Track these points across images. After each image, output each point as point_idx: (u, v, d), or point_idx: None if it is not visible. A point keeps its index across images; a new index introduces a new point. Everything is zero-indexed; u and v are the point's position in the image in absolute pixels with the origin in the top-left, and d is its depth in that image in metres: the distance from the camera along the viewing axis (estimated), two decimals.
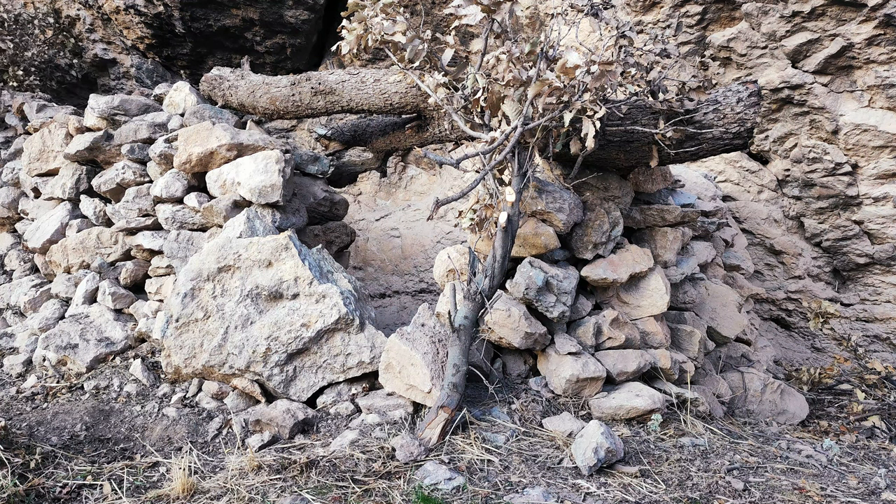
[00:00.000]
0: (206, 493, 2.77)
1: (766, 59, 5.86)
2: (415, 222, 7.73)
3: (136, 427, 3.53)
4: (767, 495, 2.85)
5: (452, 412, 3.15)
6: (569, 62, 3.15)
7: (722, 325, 5.05)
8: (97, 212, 5.09)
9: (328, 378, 3.72)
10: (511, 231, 3.49)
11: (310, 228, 5.03)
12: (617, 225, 4.21)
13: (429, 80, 3.84)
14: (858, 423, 4.91)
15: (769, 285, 6.96)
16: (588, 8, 3.70)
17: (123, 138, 5.01)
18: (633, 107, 3.78)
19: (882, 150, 5.78)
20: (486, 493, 2.68)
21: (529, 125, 3.31)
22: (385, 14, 3.87)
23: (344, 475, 2.81)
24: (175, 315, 3.80)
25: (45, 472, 2.96)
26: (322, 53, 7.94)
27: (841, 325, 6.67)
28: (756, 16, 5.63)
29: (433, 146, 5.92)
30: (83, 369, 4.20)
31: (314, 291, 3.72)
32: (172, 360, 3.80)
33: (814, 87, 5.78)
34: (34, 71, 7.02)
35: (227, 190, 4.42)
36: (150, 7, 6.83)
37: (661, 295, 4.19)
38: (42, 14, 7.25)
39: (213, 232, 4.48)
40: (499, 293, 3.61)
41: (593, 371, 3.70)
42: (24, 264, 5.61)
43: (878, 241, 6.26)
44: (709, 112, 3.72)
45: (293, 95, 4.86)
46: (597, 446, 2.90)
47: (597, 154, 3.74)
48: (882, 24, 5.20)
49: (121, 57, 7.65)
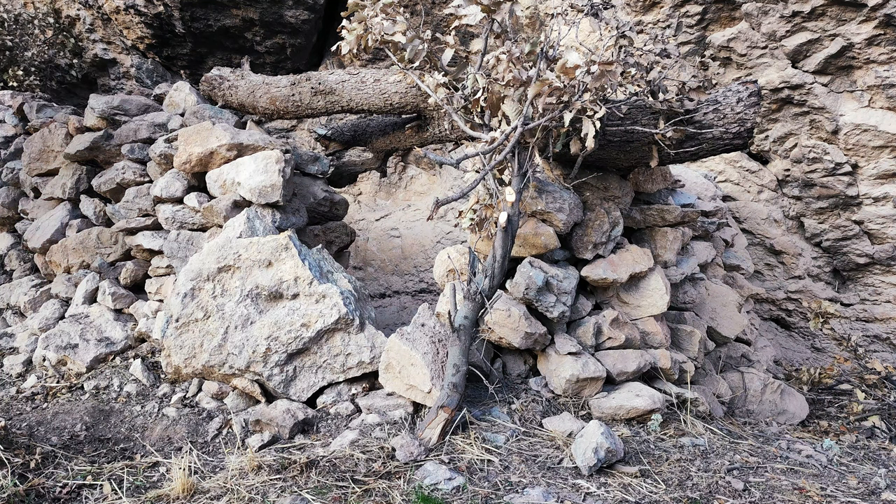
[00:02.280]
0: (206, 493, 2.77)
1: (766, 59, 5.86)
2: (415, 222, 7.73)
3: (136, 427, 3.53)
4: (767, 495, 2.85)
5: (452, 412, 3.15)
6: (569, 62, 3.15)
7: (722, 325, 5.05)
8: (97, 212, 5.09)
9: (328, 378, 3.72)
10: (511, 231, 3.49)
11: (310, 228, 5.02)
12: (617, 225, 4.21)
13: (429, 80, 3.84)
14: (858, 423, 4.91)
15: (769, 285, 6.96)
16: (588, 8, 3.70)
17: (123, 138, 5.01)
18: (633, 107, 3.77)
19: (882, 150, 5.78)
20: (486, 493, 2.68)
21: (529, 125, 3.31)
22: (385, 14, 3.87)
23: (344, 475, 2.81)
24: (175, 315, 3.80)
25: (45, 472, 2.96)
26: (322, 53, 7.94)
27: (841, 325, 6.67)
28: (756, 16, 5.63)
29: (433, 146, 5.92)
30: (83, 369, 4.20)
31: (314, 291, 3.72)
32: (172, 360, 3.80)
33: (814, 87, 5.78)
34: (34, 71, 7.02)
35: (227, 190, 4.42)
36: (150, 7, 6.83)
37: (661, 295, 4.19)
38: (42, 14, 7.25)
39: (213, 232, 4.47)
40: (499, 293, 3.61)
41: (593, 371, 3.71)
42: (24, 264, 5.61)
43: (878, 241, 6.26)
44: (709, 112, 3.72)
45: (293, 95, 4.86)
46: (597, 446, 2.90)
47: (597, 154, 3.74)
48: (882, 24, 5.21)
49: (121, 57, 7.65)
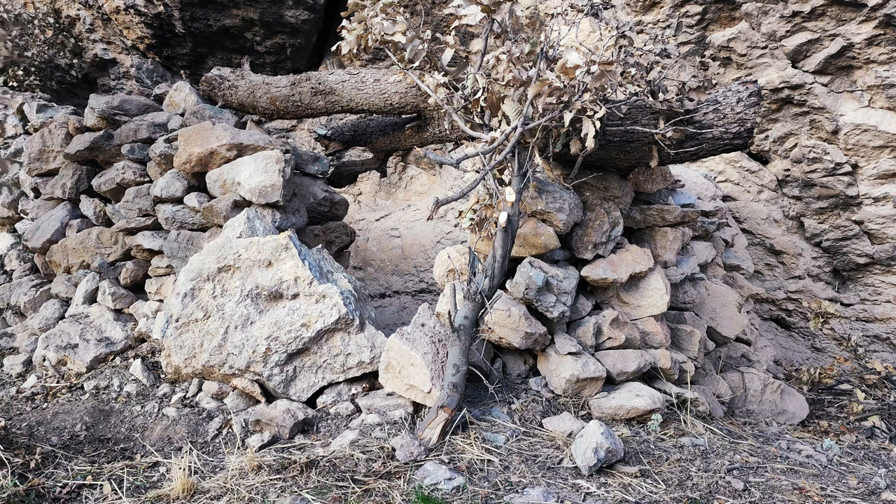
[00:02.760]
0: (206, 493, 2.77)
1: (766, 59, 5.86)
2: (415, 222, 7.73)
3: (136, 427, 3.53)
4: (767, 495, 2.85)
5: (452, 412, 3.15)
6: (569, 62, 3.15)
7: (722, 325, 5.04)
8: (97, 212, 5.09)
9: (328, 378, 3.72)
10: (511, 231, 3.49)
11: (310, 228, 5.02)
12: (617, 225, 4.21)
13: (429, 80, 3.84)
14: (858, 423, 4.91)
15: (769, 285, 6.96)
16: (588, 8, 3.70)
17: (123, 138, 5.01)
18: (633, 107, 3.77)
19: (882, 150, 5.78)
20: (486, 493, 2.68)
21: (529, 125, 3.31)
22: (385, 14, 3.87)
23: (344, 475, 2.81)
24: (175, 315, 3.80)
25: (45, 472, 2.96)
26: (322, 53, 7.94)
27: (841, 325, 6.67)
28: (756, 16, 5.63)
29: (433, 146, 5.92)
30: (83, 369, 4.20)
31: (314, 291, 3.72)
32: (172, 360, 3.80)
33: (814, 87, 5.78)
34: (34, 71, 7.02)
35: (227, 190, 4.42)
36: (150, 7, 6.82)
37: (661, 295, 4.19)
38: (42, 14, 7.25)
39: (213, 232, 4.47)
40: (499, 293, 3.61)
41: (593, 371, 3.70)
42: (24, 264, 5.61)
43: (878, 241, 6.26)
44: (709, 112, 3.72)
45: (293, 95, 4.85)
46: (597, 446, 2.89)
47: (597, 154, 3.74)
48: (882, 24, 5.20)
49: (121, 57, 7.65)
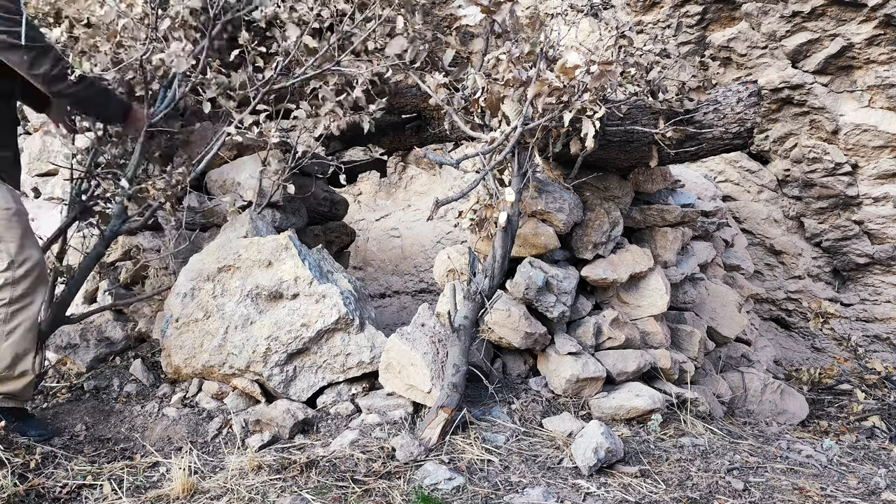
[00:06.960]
0: (206, 493, 2.77)
1: (766, 59, 5.87)
2: (415, 222, 7.73)
3: (136, 427, 3.53)
4: (767, 495, 2.85)
5: (452, 412, 3.15)
6: (569, 62, 3.14)
7: (722, 325, 5.05)
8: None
9: (328, 378, 3.72)
10: (511, 231, 3.49)
11: (310, 228, 5.02)
12: (617, 225, 4.21)
13: (430, 81, 3.84)
14: (858, 423, 4.91)
15: (769, 285, 6.96)
16: (588, 8, 3.70)
17: None
18: (633, 107, 3.78)
19: (882, 150, 5.78)
20: (486, 493, 2.68)
21: (529, 125, 3.31)
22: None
23: (344, 475, 2.81)
24: (175, 315, 3.80)
25: (45, 472, 2.96)
26: None
27: (841, 325, 6.67)
28: (756, 16, 5.63)
29: (433, 146, 5.92)
30: (83, 369, 4.20)
31: (314, 291, 3.72)
32: (172, 360, 3.80)
33: (814, 87, 5.78)
34: None
35: (227, 190, 4.42)
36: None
37: (661, 295, 4.20)
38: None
39: (212, 232, 4.47)
40: (499, 293, 3.61)
41: (593, 371, 3.71)
42: None
43: (878, 241, 6.26)
44: (709, 112, 3.73)
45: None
46: (597, 446, 2.90)
47: (597, 154, 3.74)
48: (882, 24, 5.21)
49: None
